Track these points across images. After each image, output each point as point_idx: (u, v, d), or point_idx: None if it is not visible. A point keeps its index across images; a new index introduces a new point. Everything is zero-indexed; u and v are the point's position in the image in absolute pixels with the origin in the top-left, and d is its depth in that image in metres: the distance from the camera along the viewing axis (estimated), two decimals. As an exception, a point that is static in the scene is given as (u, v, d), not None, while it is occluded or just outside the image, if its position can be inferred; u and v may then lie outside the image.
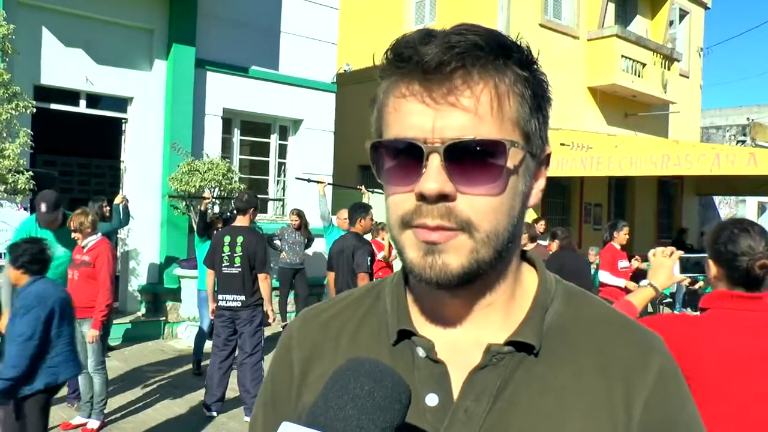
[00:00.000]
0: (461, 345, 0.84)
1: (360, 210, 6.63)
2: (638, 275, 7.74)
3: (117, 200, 8.02)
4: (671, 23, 17.74)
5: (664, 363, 0.85)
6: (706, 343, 2.06)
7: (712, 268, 2.29)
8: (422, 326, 0.87)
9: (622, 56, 15.22)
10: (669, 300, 13.11)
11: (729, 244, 2.22)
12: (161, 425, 5.73)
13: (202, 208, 7.80)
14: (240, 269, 5.92)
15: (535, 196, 0.86)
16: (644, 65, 15.81)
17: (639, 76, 15.70)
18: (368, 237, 8.07)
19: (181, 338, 8.99)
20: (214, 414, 6.02)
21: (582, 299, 0.90)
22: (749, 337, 2.06)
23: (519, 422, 0.79)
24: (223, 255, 5.98)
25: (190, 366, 7.50)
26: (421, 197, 0.76)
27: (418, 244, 0.78)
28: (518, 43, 0.80)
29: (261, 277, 6.01)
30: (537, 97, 0.81)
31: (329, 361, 0.90)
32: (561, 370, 0.82)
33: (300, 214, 10.04)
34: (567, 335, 0.85)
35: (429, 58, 0.75)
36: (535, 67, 0.81)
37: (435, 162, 0.75)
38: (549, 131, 0.87)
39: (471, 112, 0.75)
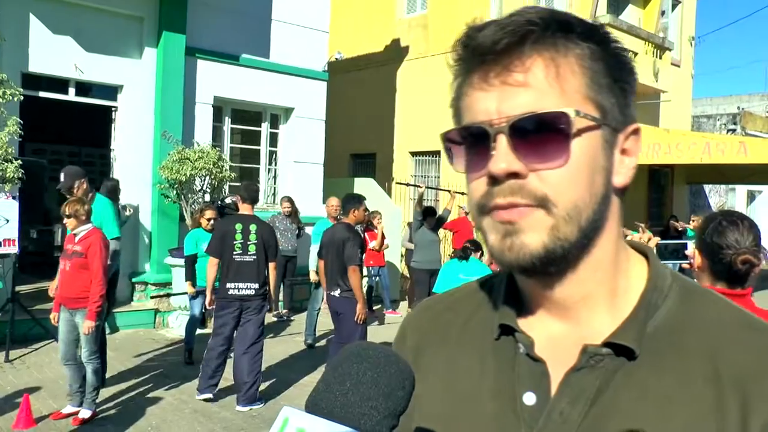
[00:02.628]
0: (562, 343, 0.82)
1: (354, 201, 6.55)
2: None
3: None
4: (663, 12, 17.75)
5: None
6: None
7: (697, 259, 2.21)
8: (526, 322, 0.85)
9: (614, 45, 15.21)
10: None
11: (715, 236, 2.14)
12: (152, 414, 5.73)
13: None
14: (255, 257, 5.91)
15: (625, 174, 0.82)
16: (636, 54, 15.82)
17: (630, 64, 15.71)
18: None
19: (172, 327, 8.98)
20: (210, 396, 6.01)
21: (702, 298, 0.82)
22: None
23: (616, 429, 0.75)
24: (234, 243, 5.91)
25: (181, 355, 7.49)
26: (492, 179, 0.76)
27: (497, 226, 0.77)
28: (583, 18, 0.79)
29: (272, 265, 6.06)
30: (611, 69, 0.79)
31: (437, 352, 0.91)
32: (666, 375, 0.76)
33: (291, 201, 10.07)
34: (678, 337, 0.78)
35: (482, 41, 0.76)
36: (606, 39, 0.80)
37: (502, 142, 0.75)
38: None
39: (529, 87, 0.75)
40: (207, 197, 9.09)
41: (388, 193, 13.38)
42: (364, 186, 11.99)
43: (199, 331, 7.77)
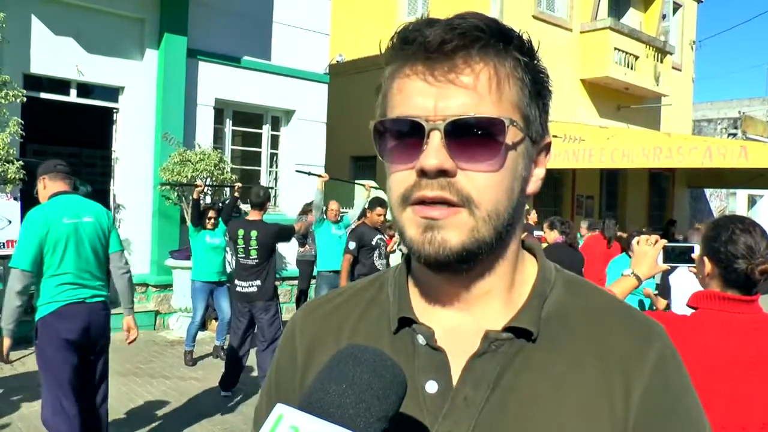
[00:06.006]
0: (461, 332, 0.85)
1: (370, 204, 7.60)
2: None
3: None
4: (664, 16, 17.76)
5: (663, 351, 0.84)
6: (691, 343, 1.97)
7: (707, 266, 2.18)
8: (423, 314, 0.87)
9: (615, 49, 15.24)
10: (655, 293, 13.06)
11: (729, 245, 2.12)
12: (152, 417, 5.72)
13: (195, 197, 7.74)
14: (257, 260, 6.17)
15: (535, 183, 0.88)
16: (637, 58, 15.83)
17: (632, 68, 15.73)
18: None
19: (172, 329, 8.99)
20: (230, 394, 6.32)
21: (583, 288, 0.90)
22: (737, 341, 1.98)
23: (516, 410, 0.79)
24: (238, 247, 6.25)
25: (182, 357, 7.49)
26: (422, 173, 0.78)
27: (417, 221, 0.79)
28: (518, 32, 0.83)
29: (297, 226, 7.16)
30: (537, 84, 0.83)
31: (332, 351, 0.90)
32: (560, 358, 0.82)
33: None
34: (567, 323, 0.85)
35: (432, 38, 0.78)
36: (536, 55, 0.84)
37: (436, 139, 0.77)
38: None
39: (471, 89, 0.78)
40: (208, 199, 9.10)
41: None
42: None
43: (199, 334, 7.77)
